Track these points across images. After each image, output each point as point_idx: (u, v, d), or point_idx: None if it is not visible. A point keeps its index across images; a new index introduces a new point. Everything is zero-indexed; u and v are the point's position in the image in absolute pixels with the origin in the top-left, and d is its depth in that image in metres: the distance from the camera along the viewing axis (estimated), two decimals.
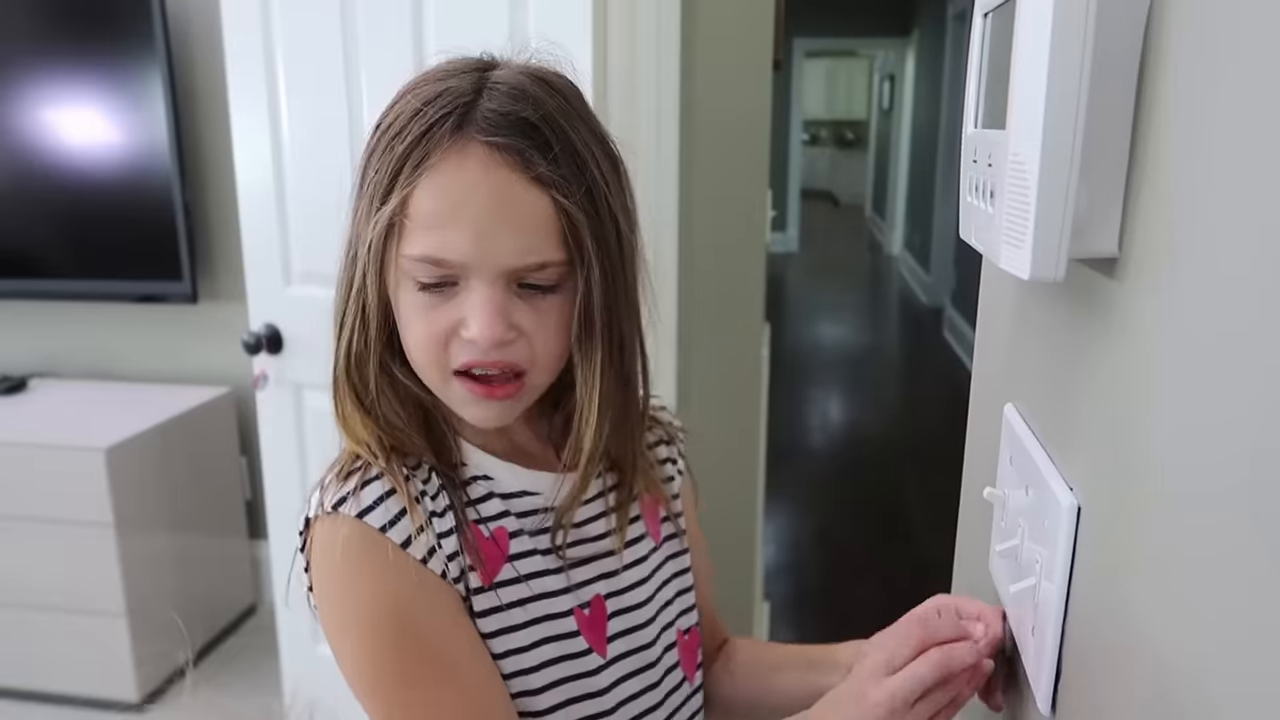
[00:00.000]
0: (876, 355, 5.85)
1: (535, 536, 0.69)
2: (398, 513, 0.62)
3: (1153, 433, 0.40)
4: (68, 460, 2.08)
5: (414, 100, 0.62)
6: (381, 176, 0.61)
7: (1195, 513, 0.36)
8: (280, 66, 1.75)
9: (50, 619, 2.18)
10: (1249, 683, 0.31)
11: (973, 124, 0.54)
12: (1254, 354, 0.31)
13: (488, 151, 0.60)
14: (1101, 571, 0.46)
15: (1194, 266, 0.36)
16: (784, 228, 9.06)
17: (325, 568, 0.62)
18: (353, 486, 0.62)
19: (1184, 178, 0.37)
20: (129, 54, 2.23)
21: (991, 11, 0.51)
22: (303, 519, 0.66)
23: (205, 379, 2.51)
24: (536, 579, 0.68)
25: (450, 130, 0.60)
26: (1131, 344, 0.42)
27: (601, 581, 0.71)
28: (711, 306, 1.91)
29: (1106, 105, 0.41)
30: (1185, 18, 0.37)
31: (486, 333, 0.61)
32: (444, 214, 0.60)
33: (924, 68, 7.48)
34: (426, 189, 0.60)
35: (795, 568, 3.01)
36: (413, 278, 0.62)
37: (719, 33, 1.80)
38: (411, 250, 0.61)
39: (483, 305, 0.61)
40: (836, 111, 12.91)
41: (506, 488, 0.69)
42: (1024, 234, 0.43)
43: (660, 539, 0.77)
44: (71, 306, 2.53)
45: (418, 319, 0.63)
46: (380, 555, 0.61)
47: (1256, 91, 0.32)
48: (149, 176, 2.27)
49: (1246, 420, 0.31)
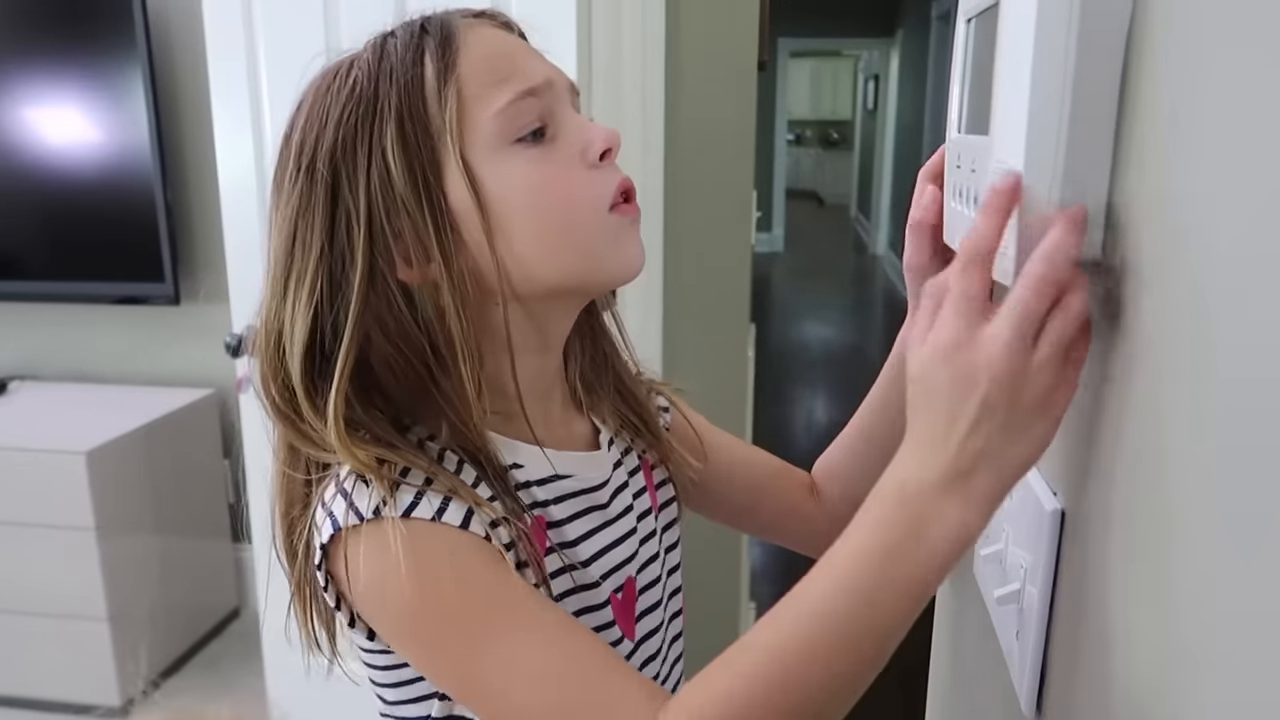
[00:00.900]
0: (862, 355, 5.86)
1: (573, 522, 0.65)
2: (443, 499, 0.56)
3: (1136, 437, 0.41)
4: (48, 464, 2.06)
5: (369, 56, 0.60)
6: (408, 86, 0.58)
7: (1178, 517, 0.36)
8: (262, 66, 1.74)
9: (31, 624, 2.15)
10: (1227, 687, 0.31)
11: (956, 129, 0.55)
12: (1235, 357, 0.31)
13: (480, 21, 0.63)
14: (1084, 576, 0.46)
15: (1176, 272, 0.36)
16: (769, 228, 9.07)
17: (384, 571, 0.55)
18: (385, 491, 0.56)
19: (1166, 184, 0.37)
20: (110, 53, 2.21)
21: (974, 17, 0.51)
22: (316, 543, 0.59)
23: (187, 381, 2.49)
24: (577, 570, 0.64)
25: (437, 26, 0.60)
26: (1114, 348, 0.42)
27: (631, 563, 0.69)
28: (697, 308, 1.91)
29: (1089, 112, 0.41)
30: (1167, 25, 0.38)
31: (609, 132, 0.61)
32: (502, 58, 0.60)
33: (908, 68, 7.51)
34: (469, 59, 0.59)
35: (781, 569, 3.01)
36: (511, 136, 0.59)
37: (704, 33, 1.80)
38: (500, 100, 0.58)
39: (585, 121, 0.62)
40: (821, 111, 12.94)
41: (537, 474, 0.65)
42: (1008, 239, 0.43)
43: (658, 506, 0.75)
44: (52, 308, 2.51)
45: (540, 172, 0.59)
46: (440, 540, 0.56)
47: (1238, 97, 0.32)
48: (130, 177, 2.25)
49: (1229, 423, 0.32)
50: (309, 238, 0.58)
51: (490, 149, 0.58)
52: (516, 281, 0.60)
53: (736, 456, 0.82)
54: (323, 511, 0.58)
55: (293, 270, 0.59)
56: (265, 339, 0.61)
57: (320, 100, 0.60)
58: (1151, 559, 0.38)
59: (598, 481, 0.68)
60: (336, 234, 0.58)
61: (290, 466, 0.63)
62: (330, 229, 0.58)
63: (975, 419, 0.43)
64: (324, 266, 0.58)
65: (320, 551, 0.58)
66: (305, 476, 0.62)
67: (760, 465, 0.82)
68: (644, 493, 0.74)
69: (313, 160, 0.58)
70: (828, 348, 6.03)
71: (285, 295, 0.59)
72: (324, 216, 0.58)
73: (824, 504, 0.81)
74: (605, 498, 0.68)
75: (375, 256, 0.58)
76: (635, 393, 0.75)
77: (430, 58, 0.58)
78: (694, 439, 0.78)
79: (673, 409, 0.80)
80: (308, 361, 0.59)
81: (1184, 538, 0.35)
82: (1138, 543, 0.40)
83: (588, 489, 0.67)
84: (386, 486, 0.56)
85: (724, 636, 2.22)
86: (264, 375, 0.61)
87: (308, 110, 0.60)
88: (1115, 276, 0.42)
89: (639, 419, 0.74)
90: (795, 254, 9.36)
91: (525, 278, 0.60)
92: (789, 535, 0.84)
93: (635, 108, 1.70)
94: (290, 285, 0.59)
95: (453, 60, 0.58)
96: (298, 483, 0.63)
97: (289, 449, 0.63)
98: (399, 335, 0.59)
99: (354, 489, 0.57)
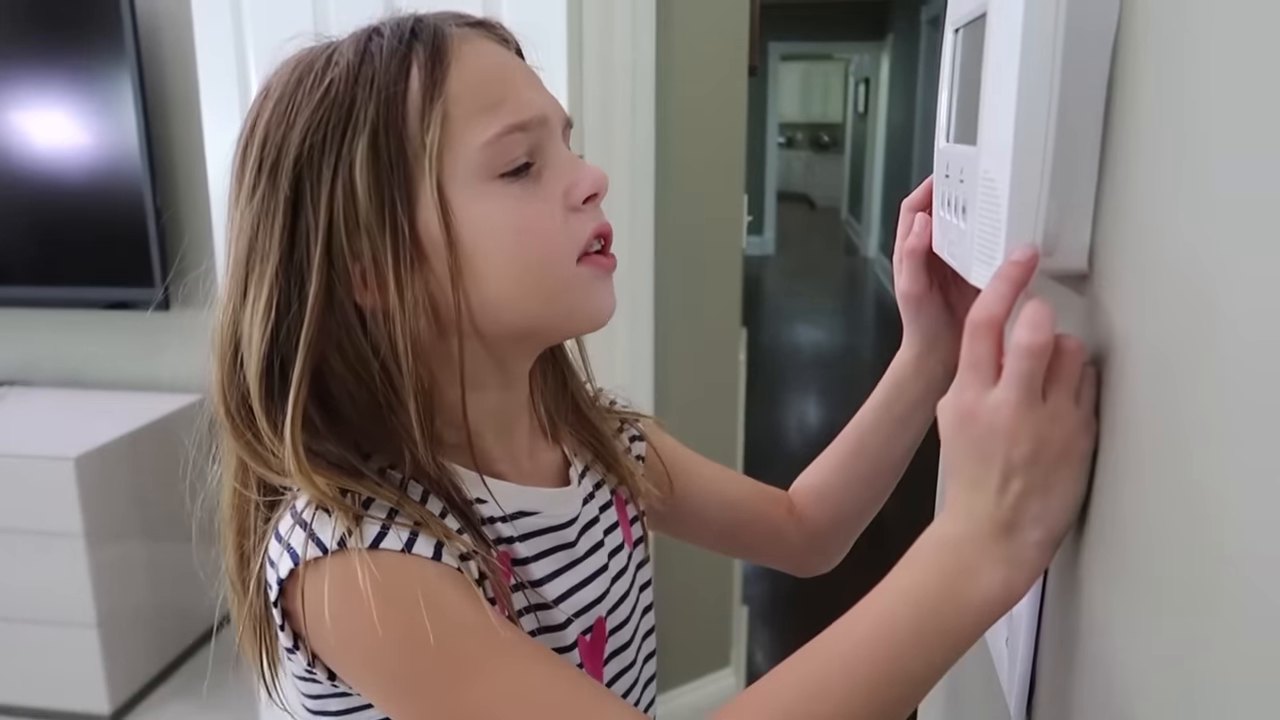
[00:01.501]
0: (853, 357, 5.87)
1: (539, 561, 0.62)
2: (411, 531, 0.53)
3: (1120, 447, 0.41)
4: (37, 470, 2.05)
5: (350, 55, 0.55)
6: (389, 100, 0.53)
7: (1162, 528, 0.36)
8: (252, 69, 1.74)
9: (19, 631, 2.14)
10: (1215, 693, 0.31)
11: (945, 138, 0.55)
12: (1219, 369, 0.31)
13: (477, 32, 0.58)
14: (1072, 583, 0.46)
15: (1162, 284, 0.36)
16: (760, 230, 9.09)
17: (351, 606, 0.51)
18: (348, 521, 0.52)
19: (1152, 197, 0.37)
20: (99, 56, 2.20)
21: (962, 27, 0.51)
22: (273, 578, 0.54)
23: (178, 386, 2.48)
24: (544, 610, 0.61)
25: (429, 34, 0.56)
26: (1106, 361, 0.43)
27: (601, 603, 0.66)
28: (688, 312, 1.91)
29: (1076, 124, 0.41)
30: (1152, 38, 0.38)
31: (598, 174, 0.57)
32: (496, 83, 0.56)
33: (899, 71, 7.53)
34: (461, 79, 0.54)
35: (773, 571, 3.01)
36: (495, 171, 0.55)
37: (695, 38, 1.81)
38: (488, 131, 0.54)
39: (575, 159, 0.58)
40: (812, 114, 12.96)
41: (501, 509, 0.61)
42: (995, 251, 0.44)
43: (632, 542, 0.73)
44: (41, 313, 2.50)
45: (520, 212, 0.55)
46: (413, 573, 0.52)
47: (1222, 110, 0.32)
48: (120, 181, 2.24)
49: (1212, 434, 0.32)
50: (268, 246, 0.54)
51: (470, 181, 0.54)
52: (479, 320, 0.56)
53: (715, 485, 0.81)
54: (278, 545, 0.54)
55: (251, 276, 0.55)
56: (223, 342, 0.57)
57: (290, 95, 0.55)
58: (1138, 567, 0.38)
59: (565, 519, 0.65)
60: (296, 246, 0.54)
61: (241, 483, 0.59)
62: (289, 241, 0.54)
63: (1001, 481, 0.44)
64: (281, 278, 0.54)
65: (276, 588, 0.54)
66: (257, 497, 0.58)
67: (739, 493, 0.81)
68: (616, 528, 0.71)
69: (276, 163, 0.54)
70: (819, 350, 6.04)
71: (244, 299, 0.56)
72: (283, 227, 0.54)
73: (803, 524, 0.80)
74: (573, 535, 0.65)
75: (333, 276, 0.54)
76: (593, 421, 0.72)
77: (418, 69, 0.54)
78: (663, 472, 0.76)
79: (647, 441, 0.77)
80: (265, 376, 0.55)
81: (1170, 545, 0.35)
82: (1125, 551, 0.40)
83: (554, 526, 0.64)
84: (350, 517, 0.52)
85: (716, 641, 2.21)
86: (220, 381, 0.57)
87: (275, 103, 0.55)
88: (1103, 286, 0.42)
89: (596, 449, 0.71)
90: (787, 256, 9.37)
91: (489, 318, 0.56)
92: (766, 556, 0.84)
93: (625, 112, 1.70)
94: (249, 291, 0.55)
95: (442, 76, 0.54)
96: (250, 504, 0.59)
97: (240, 464, 0.59)
98: (356, 360, 0.55)
99: (314, 519, 0.53)
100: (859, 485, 0.77)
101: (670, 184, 1.81)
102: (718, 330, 2.02)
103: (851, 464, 0.77)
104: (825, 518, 0.79)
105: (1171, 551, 0.35)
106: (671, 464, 0.77)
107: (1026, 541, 0.44)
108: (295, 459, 0.53)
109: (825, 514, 0.79)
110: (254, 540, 0.59)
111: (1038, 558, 0.44)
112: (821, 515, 0.79)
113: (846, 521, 0.80)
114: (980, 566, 0.44)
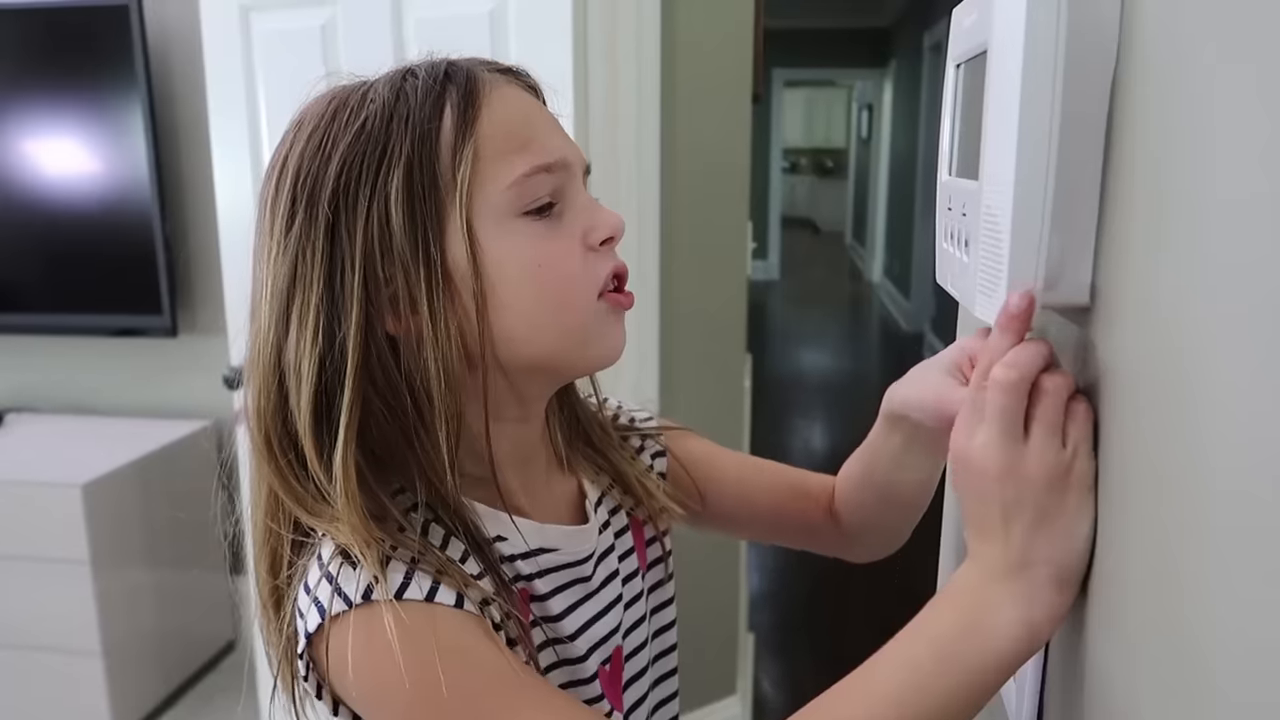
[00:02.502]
0: (859, 382, 5.87)
1: (556, 597, 0.63)
2: (433, 580, 0.54)
3: (1123, 481, 0.41)
4: (43, 497, 2.05)
5: (386, 93, 0.57)
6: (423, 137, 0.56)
7: (1170, 551, 0.36)
8: (261, 99, 1.76)
9: (24, 658, 2.13)
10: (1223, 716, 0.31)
11: (947, 171, 0.55)
12: (1221, 404, 0.32)
13: (505, 79, 0.61)
14: (1080, 611, 0.46)
15: (1163, 317, 0.37)
16: (765, 255, 9.11)
17: (377, 658, 0.52)
18: (375, 568, 0.53)
19: (1152, 230, 0.38)
20: (109, 85, 2.23)
21: (963, 63, 0.52)
22: (301, 629, 0.55)
23: (185, 413, 2.49)
24: (562, 644, 0.63)
25: (462, 78, 0.58)
26: (1103, 393, 0.43)
27: (618, 631, 0.67)
28: (693, 340, 1.92)
29: (1076, 160, 0.42)
30: (1150, 76, 0.38)
31: (616, 219, 0.60)
32: (523, 126, 0.59)
33: (901, 97, 7.57)
34: (491, 120, 0.57)
35: (780, 597, 3.00)
36: (521, 209, 0.57)
37: (699, 67, 1.82)
38: (515, 171, 0.57)
39: (594, 203, 0.60)
40: (816, 140, 13.03)
41: (521, 547, 0.62)
42: (998, 284, 0.44)
43: (646, 565, 0.73)
44: (49, 340, 2.51)
45: (543, 247, 0.58)
46: (436, 622, 0.53)
47: (1220, 145, 0.32)
48: (129, 209, 2.26)
49: (1216, 469, 0.32)
50: (309, 275, 0.56)
51: (497, 217, 0.57)
52: (500, 351, 0.58)
53: (741, 490, 0.80)
54: (307, 598, 0.55)
55: (293, 306, 0.56)
56: (265, 372, 0.57)
57: (325, 130, 0.57)
58: (1145, 595, 0.38)
59: (583, 555, 0.65)
60: (333, 277, 0.56)
61: (271, 518, 0.59)
62: (328, 271, 0.56)
63: (1003, 522, 0.45)
64: (325, 307, 0.56)
65: (304, 639, 0.55)
66: (290, 534, 0.58)
67: (769, 499, 0.80)
68: (631, 554, 0.72)
69: (313, 193, 0.56)
70: (824, 376, 6.04)
71: (288, 329, 0.56)
72: (323, 257, 0.56)
73: (838, 522, 0.78)
74: (589, 570, 0.66)
75: (369, 304, 0.56)
76: (607, 454, 0.72)
77: (451, 109, 0.56)
78: (689, 485, 0.77)
79: (670, 455, 0.77)
80: (316, 409, 0.55)
81: (1176, 572, 0.35)
82: (1124, 591, 0.40)
83: (572, 563, 0.65)
84: (377, 563, 0.53)
85: (723, 668, 2.19)
86: (260, 410, 0.58)
87: (309, 137, 0.58)
88: (1104, 320, 0.43)
89: (612, 476, 0.72)
90: (791, 281, 9.39)
91: (509, 350, 0.58)
92: (809, 547, 0.82)
93: (630, 141, 1.72)
94: (292, 320, 0.56)
95: (474, 117, 0.56)
96: (281, 541, 0.59)
97: (273, 498, 0.59)
98: (386, 387, 0.57)
99: (340, 571, 0.54)
100: (879, 505, 0.75)
101: (675, 211, 1.82)
102: (723, 356, 2.02)
103: (865, 488, 0.75)
104: (855, 522, 0.77)
105: (1165, 591, 0.35)
106: (699, 474, 0.77)
107: (1039, 579, 0.44)
108: (345, 481, 0.54)
109: (854, 519, 0.77)
110: (285, 575, 0.59)
111: (1054, 595, 0.45)
112: (852, 520, 0.78)
113: (879, 530, 0.78)
114: (999, 607, 0.45)
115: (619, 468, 0.72)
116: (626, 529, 0.72)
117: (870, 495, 0.75)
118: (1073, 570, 0.45)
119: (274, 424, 0.57)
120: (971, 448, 0.46)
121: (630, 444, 0.76)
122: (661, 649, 0.74)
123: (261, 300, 0.58)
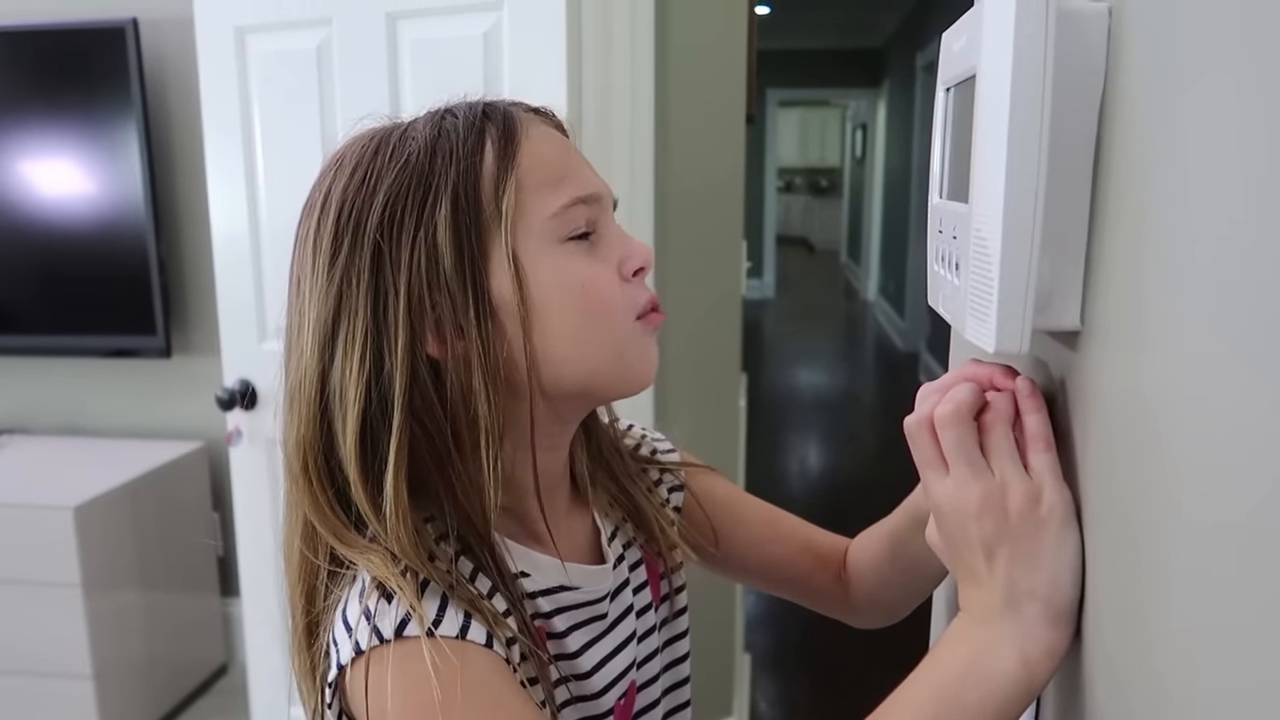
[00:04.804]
0: (854, 401, 5.87)
1: (572, 634, 0.64)
2: (465, 615, 0.54)
3: (1113, 504, 0.41)
4: (35, 519, 2.04)
5: (427, 130, 0.59)
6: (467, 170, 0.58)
7: (1162, 565, 0.36)
8: (256, 120, 1.76)
9: (14, 682, 2.11)
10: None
11: (938, 194, 0.56)
12: (1211, 425, 0.32)
13: (538, 118, 0.64)
14: (1071, 659, 0.46)
15: (1153, 340, 0.37)
16: (760, 274, 9.14)
17: (411, 694, 0.52)
18: (410, 601, 0.53)
19: (1141, 253, 0.38)
20: (105, 107, 2.23)
21: (953, 87, 0.52)
22: (334, 660, 0.55)
23: (178, 434, 2.48)
24: (579, 680, 0.63)
25: (500, 116, 0.61)
26: (1094, 416, 0.43)
27: (632, 666, 0.68)
28: (688, 359, 1.92)
29: (1065, 184, 0.42)
30: (1137, 100, 0.39)
31: (647, 250, 0.63)
32: (560, 160, 0.61)
33: (895, 116, 7.62)
34: (530, 154, 0.60)
35: (776, 618, 2.98)
36: (562, 238, 0.59)
37: (693, 88, 1.83)
38: (556, 203, 0.59)
39: (625, 234, 0.63)
40: (810, 159, 13.10)
41: (543, 583, 0.63)
42: (988, 308, 0.44)
43: (659, 598, 0.74)
44: (43, 361, 2.50)
45: (585, 270, 0.60)
46: (466, 660, 0.53)
47: (1206, 170, 0.33)
48: (123, 230, 2.26)
49: (1206, 492, 0.32)
50: (355, 305, 0.57)
51: (539, 246, 0.59)
52: (543, 374, 0.59)
53: (758, 542, 0.79)
54: (343, 629, 0.55)
55: (339, 335, 0.57)
56: (308, 400, 0.58)
57: (368, 165, 0.58)
58: (1128, 627, 0.38)
59: (601, 594, 0.66)
60: (379, 305, 0.57)
61: (308, 547, 0.59)
62: (374, 299, 0.57)
63: (986, 561, 0.46)
64: (372, 335, 0.57)
65: (335, 669, 0.55)
66: (327, 565, 0.58)
67: (783, 553, 0.79)
68: (645, 587, 0.72)
69: (358, 226, 0.57)
70: (820, 395, 6.04)
71: (333, 358, 0.57)
72: (369, 286, 0.57)
73: (847, 590, 0.78)
74: (605, 607, 0.66)
75: (413, 330, 0.57)
76: (627, 488, 0.73)
77: (491, 144, 0.59)
78: (704, 522, 0.77)
79: (688, 490, 0.78)
80: (362, 434, 0.56)
81: (1168, 587, 0.35)
82: (1113, 610, 0.40)
83: (589, 601, 0.65)
84: (414, 594, 0.53)
85: (719, 689, 2.18)
86: (300, 439, 0.58)
87: (351, 172, 0.59)
88: (1095, 342, 0.43)
89: (628, 509, 0.72)
90: (786, 300, 9.41)
91: (551, 374, 0.59)
92: (810, 604, 0.82)
93: (624, 161, 1.72)
94: (338, 349, 0.57)
95: (514, 151, 0.59)
96: (318, 572, 0.59)
97: (308, 527, 0.59)
98: (425, 412, 0.57)
99: (376, 606, 0.54)
100: (903, 583, 0.76)
101: (670, 231, 1.83)
102: (718, 375, 2.02)
103: (893, 569, 0.75)
104: (867, 595, 0.78)
105: (1149, 624, 0.35)
106: (718, 516, 0.77)
107: (1030, 616, 0.45)
108: (396, 501, 0.55)
109: (868, 592, 0.77)
110: (321, 607, 0.59)
111: (1048, 631, 0.45)
112: (864, 591, 0.78)
113: (888, 606, 0.78)
114: (994, 649, 0.45)
115: (636, 501, 0.73)
116: (641, 562, 0.72)
117: (898, 576, 0.75)
118: (1063, 604, 0.45)
119: (314, 452, 0.58)
120: (944, 492, 0.47)
121: (648, 475, 0.76)
122: (675, 680, 0.75)
123: (302, 331, 0.59)
